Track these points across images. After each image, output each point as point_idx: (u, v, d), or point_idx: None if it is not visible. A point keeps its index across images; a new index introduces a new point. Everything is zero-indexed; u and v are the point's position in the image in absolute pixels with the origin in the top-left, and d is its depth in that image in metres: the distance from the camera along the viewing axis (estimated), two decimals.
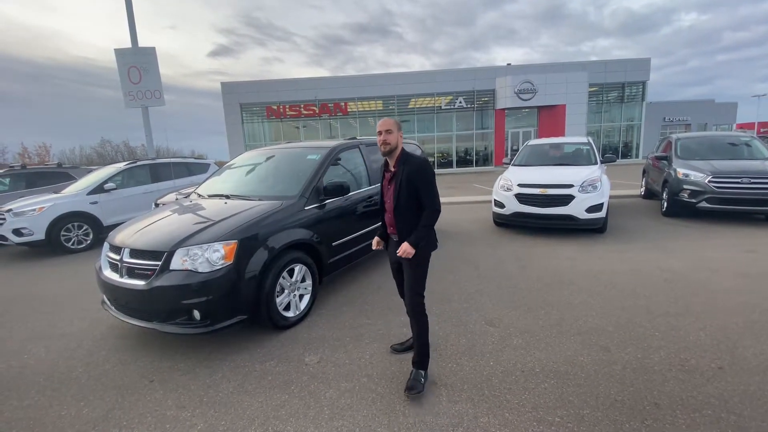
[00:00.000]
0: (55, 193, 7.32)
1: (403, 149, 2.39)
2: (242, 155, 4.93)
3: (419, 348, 2.40)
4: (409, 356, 2.52)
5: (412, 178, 2.26)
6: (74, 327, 3.52)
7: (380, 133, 2.32)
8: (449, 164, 25.28)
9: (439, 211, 2.31)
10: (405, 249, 2.26)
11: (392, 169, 2.37)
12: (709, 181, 6.33)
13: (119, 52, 9.82)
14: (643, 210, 7.97)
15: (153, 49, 9.92)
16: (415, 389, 2.29)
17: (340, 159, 4.17)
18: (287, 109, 24.32)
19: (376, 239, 2.66)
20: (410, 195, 2.29)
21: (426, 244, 2.34)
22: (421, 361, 2.41)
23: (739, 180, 6.17)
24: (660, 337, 2.85)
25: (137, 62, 9.79)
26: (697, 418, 2.02)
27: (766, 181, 6.04)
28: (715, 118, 28.58)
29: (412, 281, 2.37)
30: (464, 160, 25.46)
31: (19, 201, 6.94)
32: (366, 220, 4.33)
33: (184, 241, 2.82)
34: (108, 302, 3.21)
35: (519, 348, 2.78)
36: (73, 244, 6.71)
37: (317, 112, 24.30)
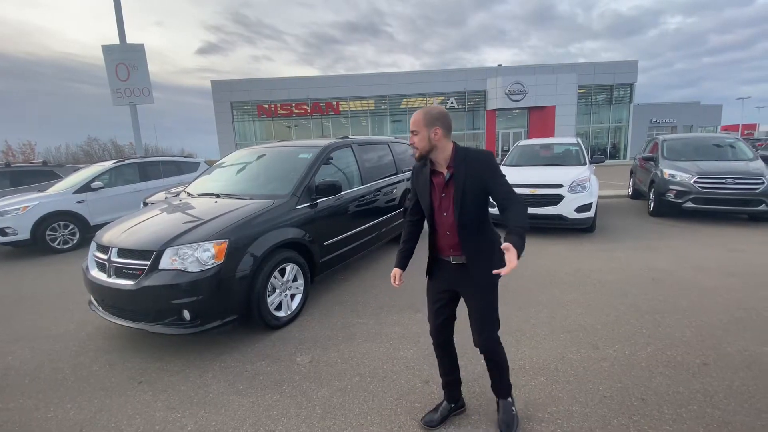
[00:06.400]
0: (41, 191, 7.17)
1: (455, 146, 1.81)
2: (233, 154, 4.89)
3: (501, 379, 2.00)
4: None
5: (479, 175, 1.74)
6: (60, 328, 3.46)
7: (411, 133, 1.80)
8: None
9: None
10: (513, 258, 1.53)
11: (445, 172, 1.79)
12: (695, 182, 6.46)
13: (107, 49, 9.66)
14: (630, 210, 8.10)
15: (141, 45, 9.77)
16: (512, 428, 1.95)
17: (332, 158, 4.16)
18: (278, 108, 24.21)
19: (396, 273, 2.03)
20: (478, 199, 1.77)
21: (497, 264, 1.67)
22: (505, 388, 2.02)
23: (723, 180, 6.31)
24: (647, 334, 2.90)
25: (125, 59, 9.64)
26: (683, 413, 2.06)
27: (749, 182, 6.19)
28: (700, 120, 29.13)
29: (489, 310, 1.88)
30: None
31: (3, 200, 6.78)
32: (358, 219, 4.33)
33: (173, 241, 2.79)
34: (95, 303, 3.16)
35: (509, 346, 2.78)
36: (59, 244, 6.58)
37: (309, 111, 24.24)
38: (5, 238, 6.19)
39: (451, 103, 24.20)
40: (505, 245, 1.58)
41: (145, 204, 5.36)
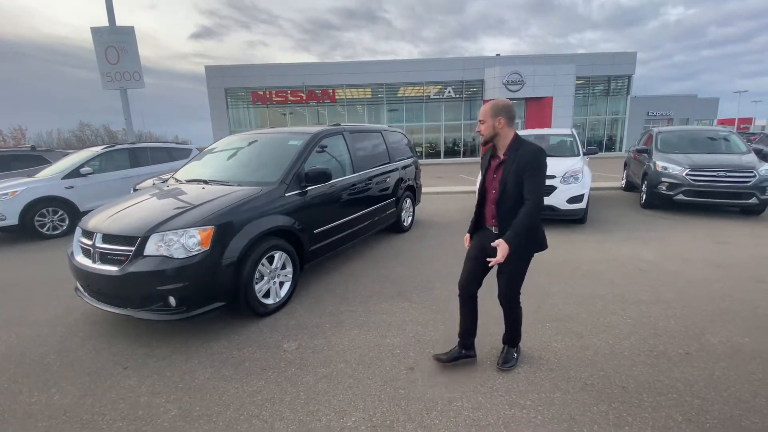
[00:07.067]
0: (29, 176, 7.07)
1: (516, 136, 2.15)
2: (223, 140, 4.83)
3: (511, 330, 2.45)
4: (392, 347, 2.50)
5: (522, 166, 2.05)
6: (47, 314, 3.44)
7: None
8: (437, 155, 25.32)
9: (542, 205, 2.10)
10: (501, 252, 2.01)
11: (501, 156, 2.17)
12: (687, 174, 6.48)
13: (96, 31, 9.44)
14: (623, 202, 8.13)
15: (131, 28, 9.56)
16: (509, 363, 2.41)
17: (322, 145, 4.12)
18: (273, 95, 23.91)
19: (467, 237, 2.46)
20: (518, 186, 2.08)
21: (529, 243, 2.17)
22: (513, 339, 2.48)
23: (715, 173, 6.33)
24: (631, 324, 2.93)
25: (115, 42, 9.43)
26: (663, 401, 2.09)
27: (741, 175, 6.21)
28: (697, 114, 29.15)
29: (510, 279, 2.28)
30: (452, 151, 25.51)
31: None
32: (349, 208, 4.31)
33: (158, 227, 2.76)
34: (81, 289, 3.13)
35: (496, 334, 2.80)
36: (48, 230, 6.51)
37: (304, 98, 23.97)
38: None
39: (449, 92, 24.02)
40: (495, 242, 2.05)
41: (135, 190, 5.30)
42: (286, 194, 3.44)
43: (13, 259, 5.42)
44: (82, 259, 2.99)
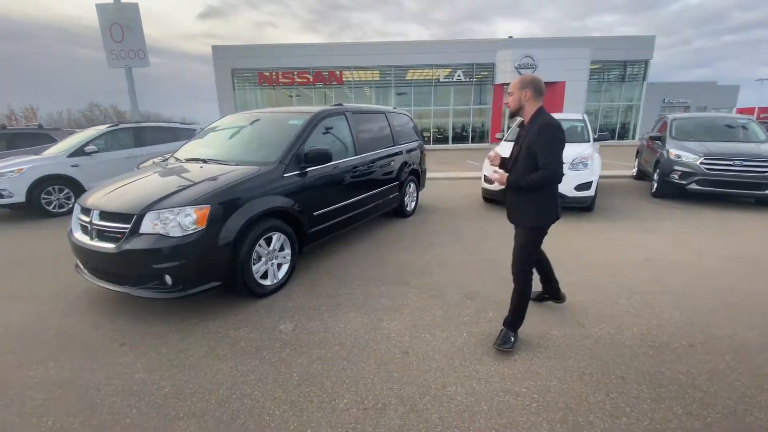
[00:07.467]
0: (35, 154, 7.10)
1: (540, 110, 2.21)
2: (225, 118, 4.76)
3: (514, 310, 2.42)
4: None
5: (534, 139, 2.13)
6: (49, 289, 3.47)
7: None
8: (445, 140, 24.98)
9: (554, 178, 2.11)
10: (502, 175, 2.30)
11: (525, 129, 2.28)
12: (701, 163, 6.27)
13: (100, 8, 9.33)
14: (633, 190, 7.94)
15: (136, 5, 9.42)
16: (506, 344, 2.37)
17: (323, 126, 4.02)
18: (280, 76, 23.61)
19: (496, 171, 2.50)
20: (528, 157, 2.18)
21: (537, 212, 2.26)
22: (513, 323, 2.44)
23: (731, 162, 6.11)
24: (634, 314, 2.86)
25: (119, 19, 9.31)
26: (663, 393, 2.04)
27: (758, 164, 5.99)
28: (715, 101, 28.22)
29: (517, 250, 2.36)
30: (460, 136, 25.13)
31: None
32: (351, 191, 4.24)
33: (154, 204, 2.73)
34: (80, 265, 3.14)
35: (494, 320, 2.77)
36: (54, 208, 6.56)
37: (311, 80, 23.64)
38: (1, 200, 6.17)
39: (459, 75, 23.50)
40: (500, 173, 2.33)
41: (139, 169, 5.28)
42: (285, 175, 3.37)
43: (19, 235, 5.49)
44: (80, 236, 2.98)
